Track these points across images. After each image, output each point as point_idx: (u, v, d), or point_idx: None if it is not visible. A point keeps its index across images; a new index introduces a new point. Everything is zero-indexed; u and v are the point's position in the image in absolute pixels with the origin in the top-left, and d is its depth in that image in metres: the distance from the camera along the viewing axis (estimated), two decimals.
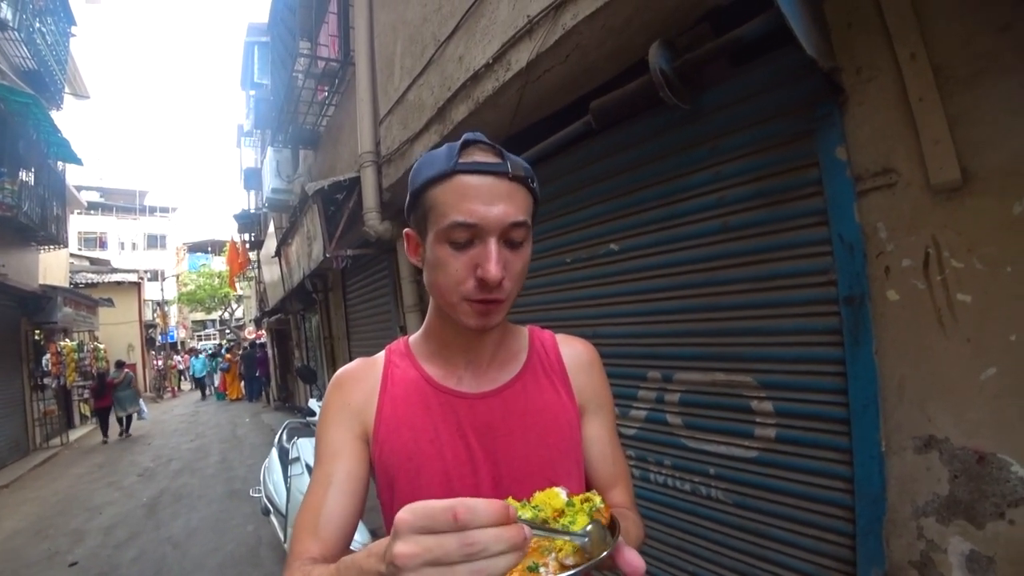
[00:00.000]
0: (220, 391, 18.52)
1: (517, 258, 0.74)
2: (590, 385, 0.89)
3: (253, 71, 10.74)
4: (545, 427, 0.82)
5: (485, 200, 0.70)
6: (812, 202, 1.58)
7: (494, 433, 0.80)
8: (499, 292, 0.72)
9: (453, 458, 0.78)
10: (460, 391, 0.82)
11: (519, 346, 0.89)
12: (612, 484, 0.86)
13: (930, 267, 1.33)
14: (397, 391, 0.83)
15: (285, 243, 7.41)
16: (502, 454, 0.79)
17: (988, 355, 1.24)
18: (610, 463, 0.87)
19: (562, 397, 0.85)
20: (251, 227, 13.98)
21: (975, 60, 1.23)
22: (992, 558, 1.25)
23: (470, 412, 0.81)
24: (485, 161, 0.72)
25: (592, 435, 0.87)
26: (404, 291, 4.25)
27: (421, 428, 0.80)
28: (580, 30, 1.82)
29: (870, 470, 1.47)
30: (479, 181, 0.70)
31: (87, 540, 5.08)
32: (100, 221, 32.79)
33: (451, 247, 0.71)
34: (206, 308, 31.85)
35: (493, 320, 0.75)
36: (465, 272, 0.71)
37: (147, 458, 8.98)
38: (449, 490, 0.77)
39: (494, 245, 0.70)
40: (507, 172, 0.71)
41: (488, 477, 0.78)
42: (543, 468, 0.80)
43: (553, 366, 0.88)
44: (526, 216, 0.73)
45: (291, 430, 4.21)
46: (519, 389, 0.84)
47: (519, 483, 0.77)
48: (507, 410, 0.82)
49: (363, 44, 4.11)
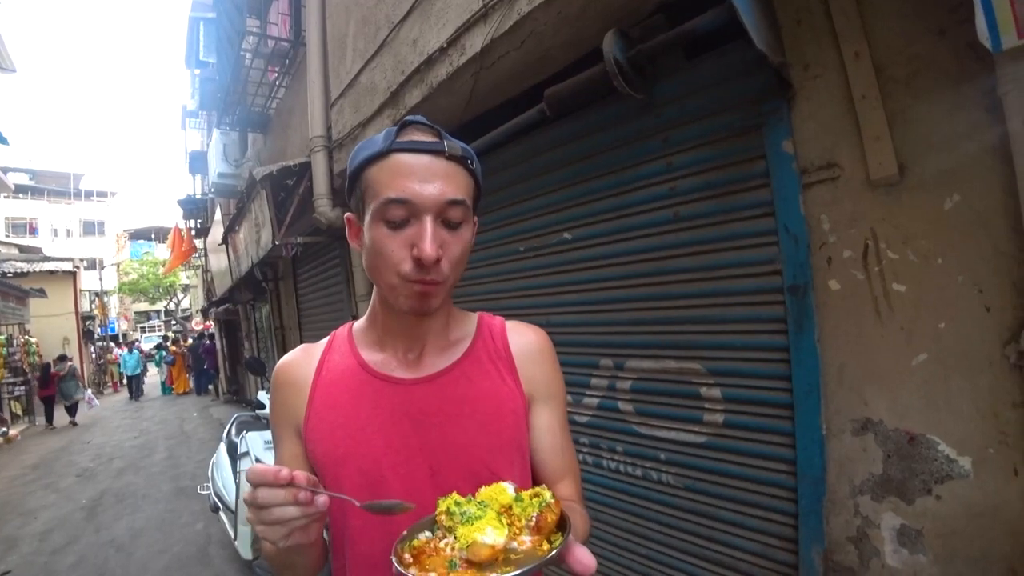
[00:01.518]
0: (167, 384, 17.75)
1: (455, 240, 0.73)
2: (540, 374, 0.86)
3: (199, 49, 10.18)
4: (486, 415, 0.79)
5: (420, 177, 0.69)
6: (759, 194, 1.62)
7: (430, 420, 0.78)
8: (436, 274, 0.71)
9: (385, 447, 0.77)
10: (396, 377, 0.81)
11: (464, 332, 0.87)
12: (560, 476, 0.84)
13: (868, 258, 1.38)
14: (330, 379, 0.82)
15: (232, 230, 7.13)
16: (438, 442, 0.77)
17: (919, 342, 1.31)
18: (559, 455, 0.85)
19: (507, 385, 0.83)
20: (197, 213, 13.38)
21: (914, 61, 1.28)
22: (920, 531, 1.33)
23: (406, 399, 0.79)
24: (422, 140, 0.71)
25: (541, 425, 0.85)
26: (356, 279, 4.16)
27: (350, 416, 0.78)
28: (535, 16, 1.80)
29: (812, 453, 1.53)
30: (414, 159, 0.70)
31: (20, 547, 4.80)
32: (30, 205, 30.63)
33: (387, 227, 0.70)
34: (150, 298, 30.44)
35: (430, 304, 0.74)
36: (401, 252, 0.70)
37: (86, 457, 8.53)
38: (378, 479, 0.75)
39: (429, 223, 0.69)
40: (443, 151, 0.71)
41: (424, 466, 0.77)
42: (482, 457, 0.78)
43: (500, 353, 0.85)
44: (464, 196, 0.72)
45: (240, 424, 4.08)
46: (458, 375, 0.81)
47: (457, 472, 0.76)
48: (444, 396, 0.79)
49: (315, 24, 3.96)
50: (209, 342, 16.45)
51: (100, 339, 23.34)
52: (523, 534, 0.58)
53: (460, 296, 3.09)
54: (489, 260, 2.81)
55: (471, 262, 2.99)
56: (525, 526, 0.58)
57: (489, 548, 0.54)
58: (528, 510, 0.59)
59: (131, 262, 30.29)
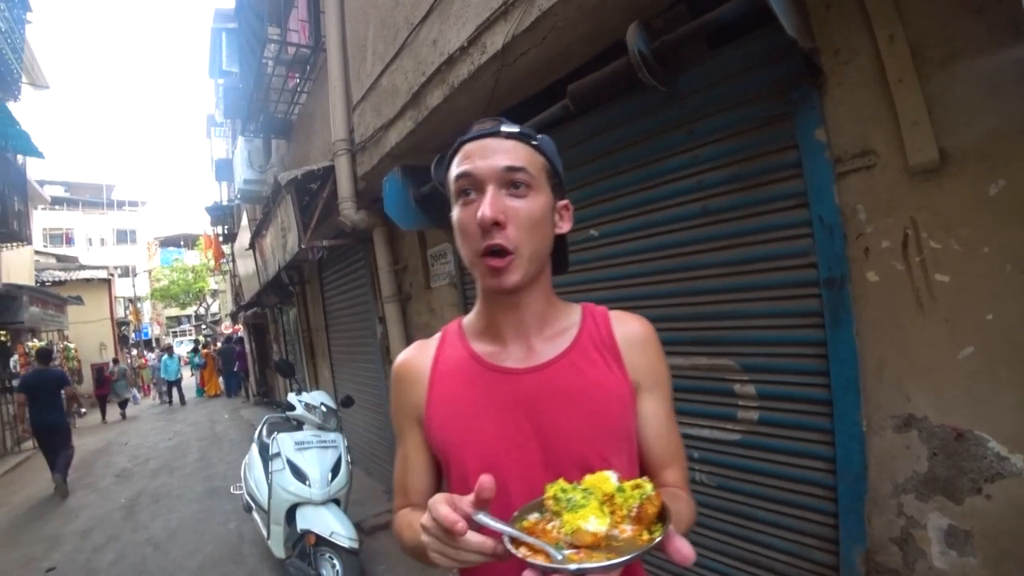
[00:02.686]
0: (199, 387, 18.15)
1: (521, 204, 0.77)
2: (645, 362, 0.87)
3: (221, 59, 10.38)
4: (594, 402, 0.81)
5: (480, 154, 0.78)
6: (791, 184, 1.58)
7: (540, 408, 0.81)
8: (503, 238, 0.75)
9: (499, 434, 0.81)
10: (506, 367, 0.84)
11: (569, 322, 0.89)
12: (667, 463, 0.86)
13: (908, 248, 1.33)
14: (446, 371, 0.88)
15: (259, 235, 7.24)
16: (549, 429, 0.80)
17: (965, 334, 1.25)
18: (665, 442, 0.86)
19: (613, 373, 0.84)
20: (224, 219, 13.65)
21: (951, 41, 1.23)
22: (970, 532, 1.28)
23: (516, 388, 0.82)
24: (482, 128, 0.82)
25: (647, 413, 0.86)
26: (382, 281, 4.18)
27: (466, 406, 0.83)
28: (556, 11, 1.78)
29: (851, 450, 1.49)
30: (477, 143, 0.80)
31: (63, 545, 4.96)
32: (66, 216, 31.68)
33: (461, 205, 0.79)
34: (180, 303, 31.17)
35: (508, 279, 0.77)
36: (472, 226, 0.76)
37: (124, 458, 8.79)
38: (494, 465, 0.77)
39: (491, 191, 0.76)
40: (500, 131, 0.80)
41: (537, 452, 0.80)
42: (592, 443, 0.80)
43: (605, 341, 0.87)
44: (523, 164, 0.78)
45: (271, 425, 4.14)
46: (567, 364, 0.83)
47: (567, 458, 0.79)
48: (554, 385, 0.82)
49: (334, 29, 3.99)
50: (239, 345, 16.77)
51: (134, 344, 24.01)
52: (624, 523, 0.60)
53: None
54: None
55: None
56: (626, 516, 0.61)
57: (592, 535, 0.58)
58: (629, 501, 0.61)
59: (162, 269, 31.10)
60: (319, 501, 3.22)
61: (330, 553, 3.07)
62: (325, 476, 3.31)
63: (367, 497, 5.05)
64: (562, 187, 0.86)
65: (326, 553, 3.10)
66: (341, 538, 3.02)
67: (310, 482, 3.27)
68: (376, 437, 5.40)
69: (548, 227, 0.81)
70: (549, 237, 0.82)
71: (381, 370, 4.85)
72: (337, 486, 3.35)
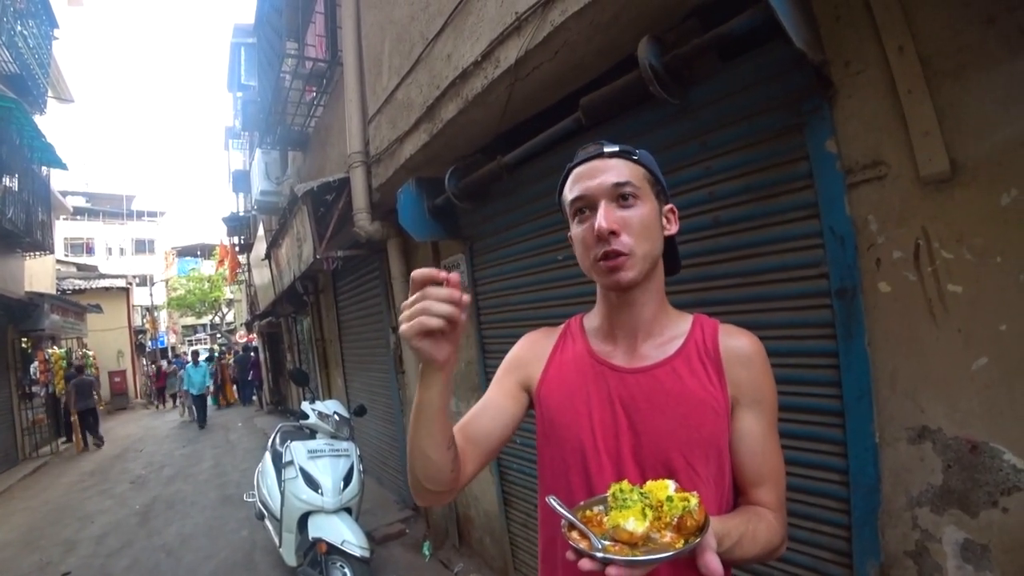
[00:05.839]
0: (213, 395, 18.31)
1: (631, 213, 0.86)
2: (747, 378, 0.88)
3: (240, 73, 10.63)
4: (688, 410, 0.85)
5: (589, 176, 0.88)
6: (803, 195, 1.59)
7: (638, 407, 0.87)
8: (618, 244, 0.84)
9: (599, 422, 0.89)
10: (614, 364, 0.92)
11: (679, 331, 0.94)
12: (759, 482, 0.87)
13: (920, 259, 1.33)
14: (565, 358, 0.98)
15: (275, 245, 7.35)
16: (643, 427, 0.86)
17: (979, 345, 1.25)
18: (760, 460, 0.87)
19: (712, 385, 0.87)
20: (240, 230, 13.87)
21: (962, 52, 1.24)
22: (987, 546, 1.26)
23: (620, 384, 0.90)
24: (586, 152, 0.92)
25: (742, 429, 0.87)
26: (395, 291, 4.22)
27: (576, 391, 0.92)
28: (568, 26, 1.81)
29: (864, 462, 1.47)
30: (584, 167, 0.91)
31: (79, 549, 5.03)
32: (87, 226, 32.44)
33: (578, 223, 0.90)
34: (196, 313, 31.57)
35: (624, 276, 0.85)
36: (590, 238, 0.86)
37: (139, 465, 8.89)
38: (592, 446, 0.87)
39: (603, 206, 0.85)
40: (603, 152, 0.90)
41: (628, 445, 0.86)
42: (681, 448, 0.84)
43: (709, 353, 0.90)
44: (629, 178, 0.87)
45: (284, 433, 4.18)
46: (669, 370, 0.88)
47: (654, 456, 0.84)
48: (654, 388, 0.87)
49: (350, 44, 4.08)
50: (253, 355, 16.92)
51: (150, 352, 24.32)
52: (666, 529, 0.66)
53: (501, 306, 3.11)
54: (529, 269, 2.83)
55: (514, 272, 2.99)
56: (669, 523, 0.66)
57: (628, 533, 0.64)
58: (672, 511, 0.66)
59: (179, 278, 31.56)
60: (331, 509, 3.24)
61: (341, 561, 3.09)
62: (337, 485, 3.33)
63: (379, 506, 5.06)
64: (665, 193, 0.95)
65: (337, 561, 3.11)
66: (352, 547, 3.03)
67: (322, 490, 3.29)
68: (388, 446, 5.42)
69: (657, 230, 0.90)
70: (659, 239, 0.90)
71: (393, 380, 4.87)
72: (349, 495, 3.36)
